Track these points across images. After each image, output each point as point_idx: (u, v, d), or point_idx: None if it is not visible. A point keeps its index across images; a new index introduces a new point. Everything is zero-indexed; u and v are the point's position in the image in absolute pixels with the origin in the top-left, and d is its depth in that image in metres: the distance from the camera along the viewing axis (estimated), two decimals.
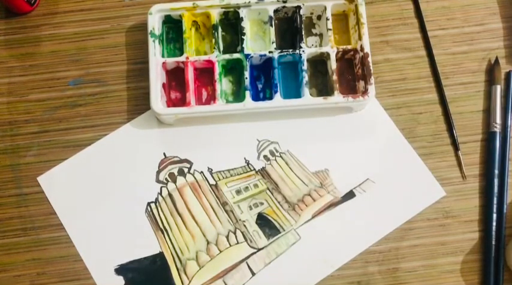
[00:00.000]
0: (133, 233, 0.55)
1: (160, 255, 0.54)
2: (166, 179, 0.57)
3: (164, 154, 0.57)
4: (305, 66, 0.57)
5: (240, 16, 0.58)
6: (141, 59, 0.59)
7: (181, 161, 0.57)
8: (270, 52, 0.57)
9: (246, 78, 0.56)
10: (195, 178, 0.57)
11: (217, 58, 0.57)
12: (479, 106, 0.58)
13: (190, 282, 0.54)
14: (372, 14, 0.60)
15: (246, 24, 0.58)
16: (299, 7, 0.58)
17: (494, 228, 0.55)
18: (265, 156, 0.57)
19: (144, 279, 0.54)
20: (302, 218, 0.55)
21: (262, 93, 0.59)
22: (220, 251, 0.54)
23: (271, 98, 0.56)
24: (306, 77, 0.56)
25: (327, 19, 0.58)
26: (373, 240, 0.55)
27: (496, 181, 0.56)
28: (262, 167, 0.57)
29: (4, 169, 0.57)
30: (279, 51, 0.57)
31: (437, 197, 0.56)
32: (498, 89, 0.58)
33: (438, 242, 0.55)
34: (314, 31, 0.60)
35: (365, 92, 0.56)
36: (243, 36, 0.58)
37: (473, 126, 0.58)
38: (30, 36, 0.60)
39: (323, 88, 0.58)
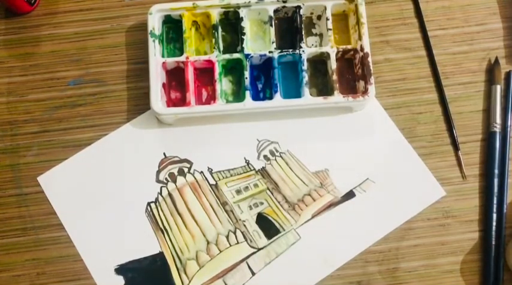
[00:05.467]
0: (133, 233, 0.55)
1: (160, 255, 0.54)
2: (166, 179, 0.57)
3: (164, 154, 0.57)
4: (305, 66, 0.57)
5: (240, 16, 0.58)
6: (141, 59, 0.59)
7: (181, 161, 0.57)
8: (270, 52, 0.57)
9: (246, 78, 0.56)
10: (195, 178, 0.57)
11: (217, 58, 0.57)
12: (479, 106, 0.58)
13: (190, 282, 0.54)
14: (372, 14, 0.60)
15: (246, 24, 0.58)
16: (299, 7, 0.58)
17: (494, 228, 0.54)
18: (265, 156, 0.57)
19: (144, 279, 0.54)
20: (302, 218, 0.55)
21: (262, 93, 0.59)
22: (220, 251, 0.54)
23: (271, 98, 0.56)
24: (306, 77, 0.56)
25: (327, 19, 0.58)
26: (373, 240, 0.55)
27: (496, 181, 0.56)
28: (262, 167, 0.57)
29: (4, 169, 0.57)
30: (279, 51, 0.57)
31: (437, 197, 0.56)
32: (498, 89, 0.58)
33: (438, 242, 0.55)
34: (314, 31, 0.60)
35: (365, 92, 0.56)
36: (243, 36, 0.58)
37: (473, 126, 0.58)
38: (30, 36, 0.60)
39: (323, 88, 0.58)
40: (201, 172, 0.57)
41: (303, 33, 0.58)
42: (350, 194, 0.56)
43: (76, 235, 0.55)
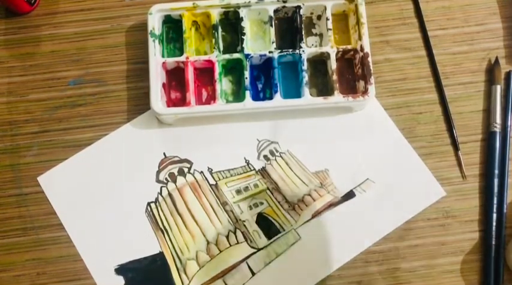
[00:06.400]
0: (133, 233, 0.55)
1: (160, 255, 0.54)
2: (166, 179, 0.57)
3: (164, 154, 0.57)
4: (305, 66, 0.57)
5: (240, 16, 0.58)
6: (141, 59, 0.59)
7: (181, 161, 0.57)
8: (270, 52, 0.57)
9: (246, 78, 0.56)
10: (195, 178, 0.57)
11: (217, 58, 0.57)
12: (479, 106, 0.58)
13: (190, 282, 0.54)
14: (372, 14, 0.60)
15: (246, 24, 0.58)
16: (299, 7, 0.58)
17: (494, 228, 0.55)
18: (265, 156, 0.57)
19: (144, 279, 0.54)
20: (302, 218, 0.55)
21: (262, 93, 0.59)
22: (220, 251, 0.54)
23: (271, 98, 0.56)
24: (306, 77, 0.56)
25: (327, 19, 0.58)
26: (373, 240, 0.55)
27: (496, 181, 0.56)
28: (262, 167, 0.57)
29: (4, 169, 0.57)
30: (279, 51, 0.57)
31: (438, 197, 0.56)
32: (498, 89, 0.58)
33: (438, 242, 0.55)
34: (314, 31, 0.60)
35: (365, 92, 0.56)
36: (243, 36, 0.58)
37: (473, 126, 0.58)
38: (30, 36, 0.60)
39: (323, 88, 0.58)
40: (201, 172, 0.57)
41: (303, 33, 0.58)
42: (350, 194, 0.56)
43: (76, 235, 0.55)
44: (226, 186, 0.56)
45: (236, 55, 0.57)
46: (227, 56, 0.57)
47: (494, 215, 0.55)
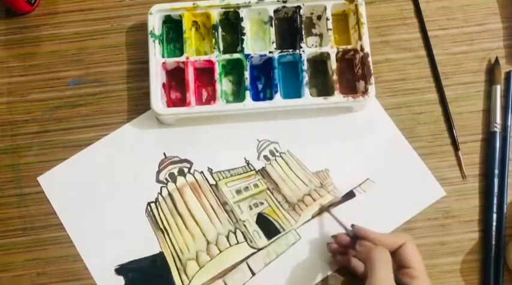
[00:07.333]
0: (133, 233, 0.55)
1: (160, 255, 0.54)
2: (166, 179, 0.57)
3: (164, 154, 0.57)
4: (305, 66, 0.57)
5: (240, 16, 0.58)
6: (141, 59, 0.59)
7: (181, 161, 0.57)
8: (270, 52, 0.57)
9: (246, 78, 0.56)
10: (195, 178, 0.57)
11: (217, 58, 0.57)
12: (479, 106, 0.58)
13: (190, 282, 0.54)
14: (372, 14, 0.60)
15: (246, 24, 0.58)
16: (299, 7, 0.58)
17: (494, 228, 0.54)
18: (265, 156, 0.57)
19: (144, 279, 0.54)
20: (302, 218, 0.55)
21: (262, 93, 0.59)
22: (220, 251, 0.54)
23: (271, 98, 0.56)
24: (306, 77, 0.56)
25: (327, 19, 0.58)
26: None
27: (496, 181, 0.56)
28: (262, 167, 0.57)
29: (4, 169, 0.57)
30: (279, 51, 0.57)
31: (438, 197, 0.56)
32: (498, 89, 0.58)
33: (438, 242, 0.55)
34: (314, 31, 0.60)
35: (365, 92, 0.56)
36: (243, 36, 0.58)
37: (473, 126, 0.58)
38: (30, 36, 0.60)
39: (323, 88, 0.58)
40: (201, 172, 0.57)
41: (303, 33, 0.58)
42: (350, 194, 0.56)
43: (76, 235, 0.55)
44: (226, 186, 0.56)
45: (236, 56, 0.57)
46: (227, 56, 0.57)
47: (494, 215, 0.55)
